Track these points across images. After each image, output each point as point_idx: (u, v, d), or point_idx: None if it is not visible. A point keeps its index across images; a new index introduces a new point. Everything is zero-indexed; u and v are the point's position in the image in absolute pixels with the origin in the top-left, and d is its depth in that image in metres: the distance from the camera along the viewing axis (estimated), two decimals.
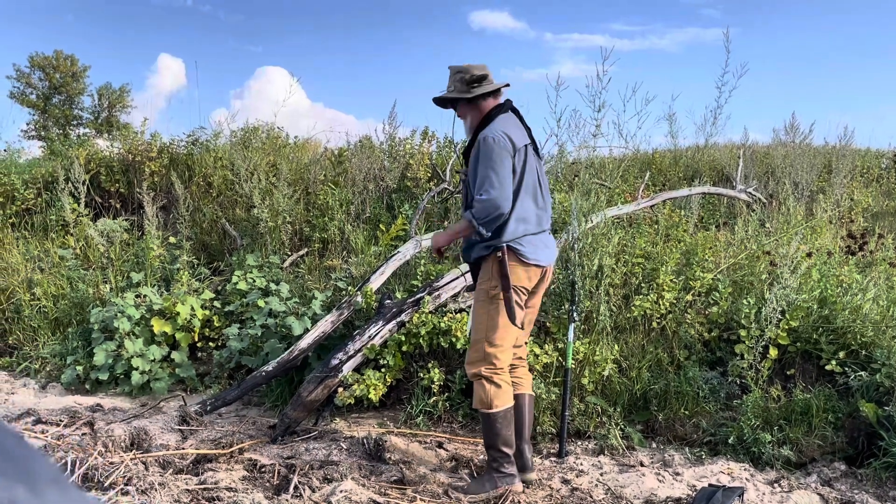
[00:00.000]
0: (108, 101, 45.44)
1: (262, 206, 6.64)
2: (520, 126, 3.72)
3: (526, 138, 3.68)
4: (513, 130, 3.60)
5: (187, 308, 5.63)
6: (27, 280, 6.49)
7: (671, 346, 4.84)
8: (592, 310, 4.81)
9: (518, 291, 3.62)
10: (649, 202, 6.27)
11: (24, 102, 43.99)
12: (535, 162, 3.71)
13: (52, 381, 5.72)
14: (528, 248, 3.61)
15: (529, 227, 3.63)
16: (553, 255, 3.79)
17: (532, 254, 3.61)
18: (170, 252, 6.66)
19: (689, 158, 8.99)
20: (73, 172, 7.02)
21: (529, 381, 3.96)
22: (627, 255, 5.21)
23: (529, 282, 3.66)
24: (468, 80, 3.70)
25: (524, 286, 3.65)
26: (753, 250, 5.46)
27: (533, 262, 3.62)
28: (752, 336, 4.49)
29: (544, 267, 3.70)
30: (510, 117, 3.70)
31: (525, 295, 3.69)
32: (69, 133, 14.41)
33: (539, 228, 3.68)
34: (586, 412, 4.58)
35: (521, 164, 3.58)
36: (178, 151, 8.14)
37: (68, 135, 12.73)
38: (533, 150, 3.71)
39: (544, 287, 3.84)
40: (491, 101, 3.75)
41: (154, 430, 4.39)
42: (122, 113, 45.04)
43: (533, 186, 3.65)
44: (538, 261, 3.63)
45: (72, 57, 44.75)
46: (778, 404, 4.29)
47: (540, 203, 3.69)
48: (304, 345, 4.87)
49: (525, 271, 3.62)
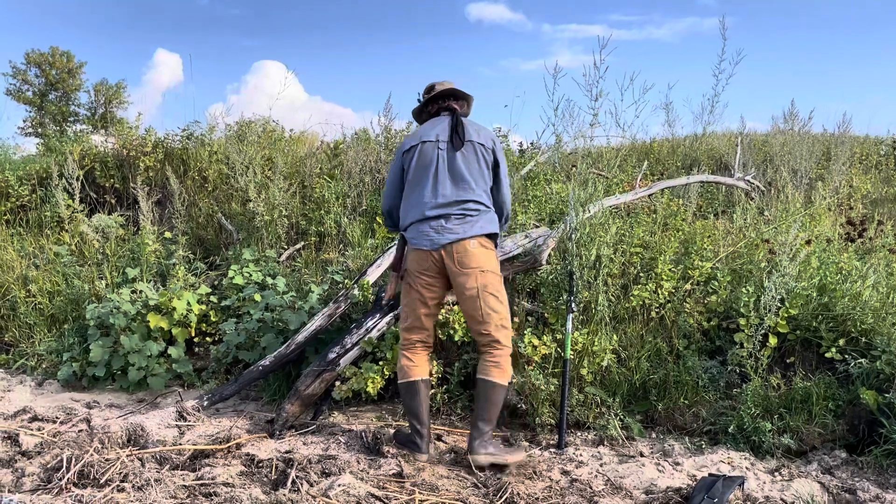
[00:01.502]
0: (105, 97, 45.29)
1: (258, 200, 6.59)
2: (438, 127, 4.05)
3: (432, 136, 4.01)
4: (421, 131, 4.07)
5: (183, 303, 5.59)
6: (22, 277, 6.45)
7: (670, 336, 4.81)
8: (591, 300, 4.78)
9: (410, 274, 4.05)
10: (647, 191, 6.23)
11: (20, 99, 43.85)
12: (437, 154, 3.99)
13: (48, 378, 5.69)
14: (411, 234, 4.01)
15: (414, 216, 3.99)
16: (441, 240, 3.90)
17: (415, 240, 3.98)
18: (165, 247, 6.62)
19: (687, 147, 8.95)
20: (66, 168, 6.98)
21: (485, 366, 3.94)
22: (625, 244, 5.18)
23: (418, 265, 3.99)
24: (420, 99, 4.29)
25: (414, 269, 4.02)
26: (752, 238, 5.42)
27: (415, 247, 3.98)
28: (752, 324, 4.46)
29: (428, 251, 3.92)
30: (434, 121, 4.11)
31: (418, 277, 4.00)
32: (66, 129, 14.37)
33: (421, 216, 3.95)
34: (585, 403, 4.55)
35: (409, 162, 4.05)
36: (172, 146, 8.09)
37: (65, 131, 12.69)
38: (449, 145, 3.99)
39: (459, 269, 3.90)
40: (432, 111, 4.22)
41: (151, 427, 4.35)
42: (118, 109, 44.91)
43: (423, 179, 3.98)
44: (420, 246, 3.94)
45: (67, 53, 44.58)
46: (778, 393, 4.26)
47: (428, 194, 3.95)
48: (301, 339, 4.84)
49: (414, 255, 4.01)
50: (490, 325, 3.90)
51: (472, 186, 3.93)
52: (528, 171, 7.19)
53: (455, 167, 3.96)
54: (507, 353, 3.94)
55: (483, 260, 3.88)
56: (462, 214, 3.91)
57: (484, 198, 3.95)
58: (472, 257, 3.87)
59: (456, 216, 3.91)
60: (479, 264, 3.88)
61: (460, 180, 3.94)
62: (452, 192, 3.94)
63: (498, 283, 3.94)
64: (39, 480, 3.50)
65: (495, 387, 3.89)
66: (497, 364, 3.90)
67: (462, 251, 3.87)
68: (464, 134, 4.00)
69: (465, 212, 3.91)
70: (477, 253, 3.87)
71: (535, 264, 5.00)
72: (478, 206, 3.92)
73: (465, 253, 3.87)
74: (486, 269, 3.88)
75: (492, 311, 3.89)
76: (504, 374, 3.90)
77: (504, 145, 7.97)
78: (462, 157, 3.97)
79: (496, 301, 3.90)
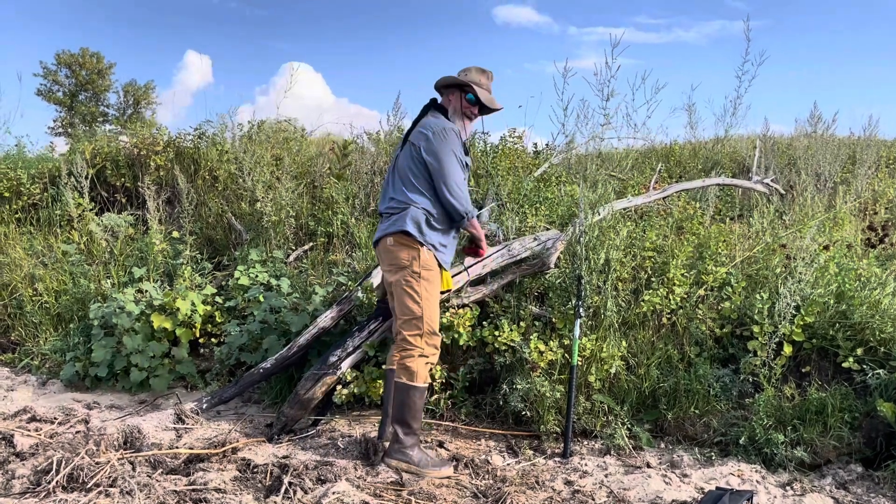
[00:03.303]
0: (134, 97, 45.83)
1: (266, 200, 6.52)
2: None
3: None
4: None
5: (187, 304, 5.53)
6: (30, 275, 6.43)
7: (681, 343, 4.67)
8: (600, 305, 4.64)
9: None
10: (661, 194, 6.08)
11: (50, 99, 44.54)
12: (400, 151, 4.03)
13: (52, 377, 5.65)
14: None
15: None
16: (377, 235, 4.02)
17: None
18: (173, 247, 6.56)
19: (708, 150, 8.76)
20: (75, 167, 6.95)
21: (394, 362, 3.92)
22: (637, 248, 5.04)
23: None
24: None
25: None
26: (769, 243, 5.26)
27: None
28: (766, 332, 4.31)
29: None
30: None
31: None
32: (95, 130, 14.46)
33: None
34: (592, 411, 4.42)
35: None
36: (184, 145, 8.05)
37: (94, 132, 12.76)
38: (400, 144, 4.06)
39: (382, 266, 4.08)
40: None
41: (148, 429, 4.29)
42: (147, 109, 45.41)
43: (386, 175, 4.12)
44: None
45: (97, 54, 45.19)
46: (792, 403, 4.11)
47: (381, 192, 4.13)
48: (303, 341, 4.75)
49: None
50: (400, 322, 3.92)
51: (400, 186, 3.94)
52: (542, 173, 7.07)
53: (395, 166, 4.02)
54: (417, 354, 3.85)
55: (398, 257, 3.86)
56: (388, 213, 3.97)
57: (408, 196, 3.88)
58: (388, 254, 3.92)
59: (385, 214, 4.01)
60: (395, 261, 3.88)
61: (396, 179, 3.98)
62: (388, 191, 4.03)
63: (416, 282, 3.85)
64: (29, 483, 3.44)
65: (401, 388, 3.85)
66: (403, 365, 3.86)
67: (382, 248, 3.95)
68: (409, 133, 4.01)
69: (389, 210, 3.97)
70: (392, 250, 3.89)
71: (543, 267, 4.88)
72: (399, 203, 3.91)
73: (384, 250, 3.94)
74: (402, 266, 3.86)
75: (405, 308, 3.88)
76: (412, 376, 3.83)
77: (518, 146, 7.84)
78: (402, 157, 3.99)
79: (411, 300, 3.86)
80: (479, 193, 6.25)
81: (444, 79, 4.02)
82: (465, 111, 4.02)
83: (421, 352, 3.85)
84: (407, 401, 3.83)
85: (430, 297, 3.86)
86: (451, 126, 3.90)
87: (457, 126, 3.96)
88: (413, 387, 3.83)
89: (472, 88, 3.97)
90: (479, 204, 5.85)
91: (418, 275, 3.83)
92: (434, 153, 3.82)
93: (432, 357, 3.93)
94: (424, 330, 3.85)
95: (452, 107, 4.01)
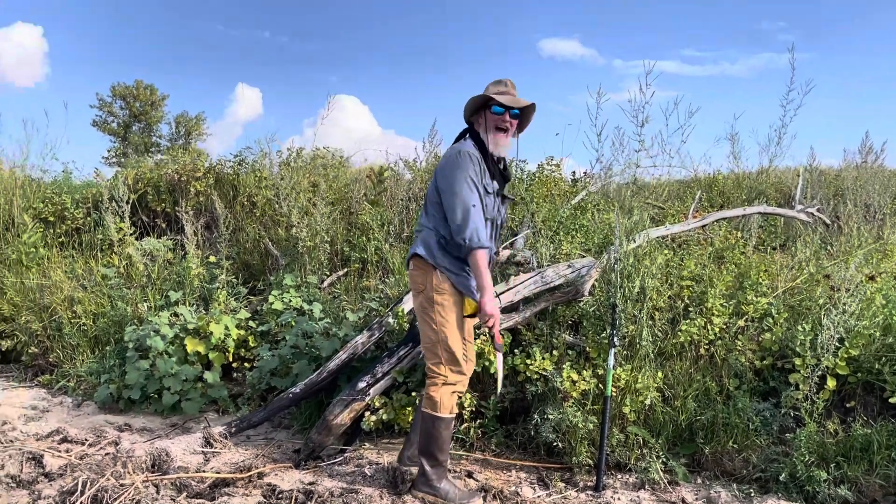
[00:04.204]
0: (185, 128, 46.99)
1: (301, 226, 6.55)
2: None
3: None
4: None
5: (221, 328, 5.55)
6: (69, 298, 6.52)
7: (720, 375, 4.52)
8: (635, 334, 4.53)
9: None
10: (700, 222, 5.96)
11: (105, 130, 45.91)
12: None
13: (87, 399, 5.70)
14: None
15: None
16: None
17: None
18: (209, 271, 6.62)
19: (752, 180, 8.60)
20: (117, 192, 7.08)
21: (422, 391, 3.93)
22: (674, 276, 4.92)
23: None
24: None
25: None
26: (812, 273, 5.10)
27: None
28: (808, 365, 4.15)
29: None
30: None
31: None
32: (148, 160, 14.83)
33: None
34: (626, 443, 4.29)
35: None
36: (224, 172, 8.16)
37: (144, 161, 13.13)
38: None
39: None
40: None
41: (176, 452, 4.27)
42: (197, 140, 46.49)
43: None
44: None
45: (151, 86, 46.54)
46: (835, 439, 3.94)
47: None
48: (333, 366, 4.72)
49: None
50: (423, 349, 3.88)
51: (422, 211, 3.94)
52: (579, 201, 6.99)
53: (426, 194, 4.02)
54: (441, 382, 3.74)
55: (415, 281, 3.83)
56: (414, 238, 3.96)
57: (427, 220, 3.85)
58: (410, 278, 3.88)
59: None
60: (414, 285, 3.86)
61: (423, 206, 3.98)
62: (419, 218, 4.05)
63: (431, 307, 3.74)
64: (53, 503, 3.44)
65: (425, 417, 3.77)
66: (428, 394, 3.77)
67: (409, 273, 3.93)
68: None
69: (414, 235, 3.98)
70: (411, 274, 3.87)
71: (577, 295, 4.79)
72: (419, 227, 3.90)
73: (408, 274, 3.93)
74: (419, 290, 3.81)
75: (424, 335, 3.82)
76: (435, 406, 3.72)
77: (556, 174, 7.78)
78: (430, 184, 3.99)
79: (427, 326, 3.78)
80: (513, 220, 6.20)
81: (466, 106, 3.87)
82: (497, 124, 3.77)
83: (444, 380, 3.73)
84: (432, 431, 3.73)
85: (446, 322, 3.71)
86: (467, 149, 3.70)
87: (474, 150, 3.72)
88: (436, 417, 3.71)
89: (493, 99, 3.77)
90: (513, 230, 5.79)
91: (432, 299, 3.71)
92: (444, 176, 3.71)
93: (459, 385, 3.79)
94: (444, 357, 3.72)
95: (483, 127, 3.79)
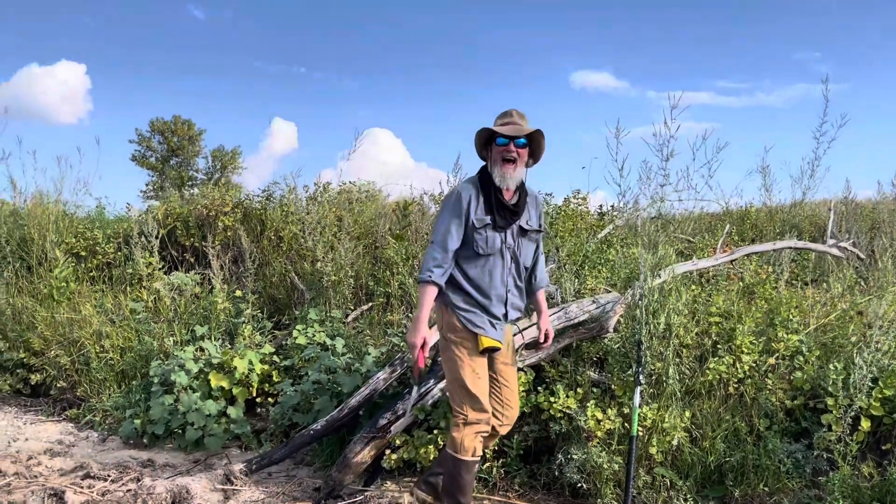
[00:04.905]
0: (221, 162, 47.86)
1: (326, 260, 6.57)
2: None
3: None
4: None
5: (245, 362, 5.55)
6: (98, 332, 6.58)
7: (750, 415, 4.40)
8: (661, 372, 4.44)
9: None
10: (728, 257, 5.85)
11: (143, 164, 46.94)
12: None
13: (112, 433, 5.72)
14: None
15: None
16: None
17: None
18: (235, 305, 6.64)
19: (785, 213, 8.46)
20: (147, 227, 7.17)
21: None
22: (701, 313, 4.82)
23: None
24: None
25: None
26: (845, 310, 4.97)
27: None
28: (841, 405, 4.02)
29: None
30: None
31: None
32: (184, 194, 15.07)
33: None
34: (653, 485, 4.18)
35: None
36: (252, 206, 8.24)
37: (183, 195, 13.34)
38: None
39: None
40: None
41: (196, 489, 4.25)
42: (233, 174, 47.27)
43: None
44: None
45: (189, 121, 47.66)
46: (870, 483, 3.79)
47: None
48: (354, 402, 4.68)
49: None
50: (446, 387, 3.86)
51: None
52: (605, 235, 6.93)
53: None
54: (462, 422, 3.64)
55: (434, 318, 3.81)
56: None
57: None
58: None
59: None
60: (435, 322, 3.86)
61: None
62: None
63: (446, 345, 3.72)
64: None
65: (446, 458, 3.72)
66: (451, 434, 3.70)
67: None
68: None
69: None
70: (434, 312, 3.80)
71: (601, 331, 4.71)
72: None
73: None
74: (438, 327, 3.81)
75: (445, 373, 3.79)
76: (456, 447, 3.63)
77: (582, 208, 7.73)
78: None
79: (447, 365, 3.74)
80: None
81: (474, 143, 3.83)
82: (503, 155, 3.68)
83: (465, 419, 3.63)
84: (452, 472, 3.66)
85: (461, 360, 3.64)
86: (460, 187, 3.72)
87: (467, 185, 3.71)
88: (457, 459, 3.62)
89: (495, 132, 3.70)
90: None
91: (447, 338, 3.70)
92: (441, 207, 3.79)
93: (482, 425, 3.67)
94: (463, 394, 3.64)
95: (491, 161, 3.73)
